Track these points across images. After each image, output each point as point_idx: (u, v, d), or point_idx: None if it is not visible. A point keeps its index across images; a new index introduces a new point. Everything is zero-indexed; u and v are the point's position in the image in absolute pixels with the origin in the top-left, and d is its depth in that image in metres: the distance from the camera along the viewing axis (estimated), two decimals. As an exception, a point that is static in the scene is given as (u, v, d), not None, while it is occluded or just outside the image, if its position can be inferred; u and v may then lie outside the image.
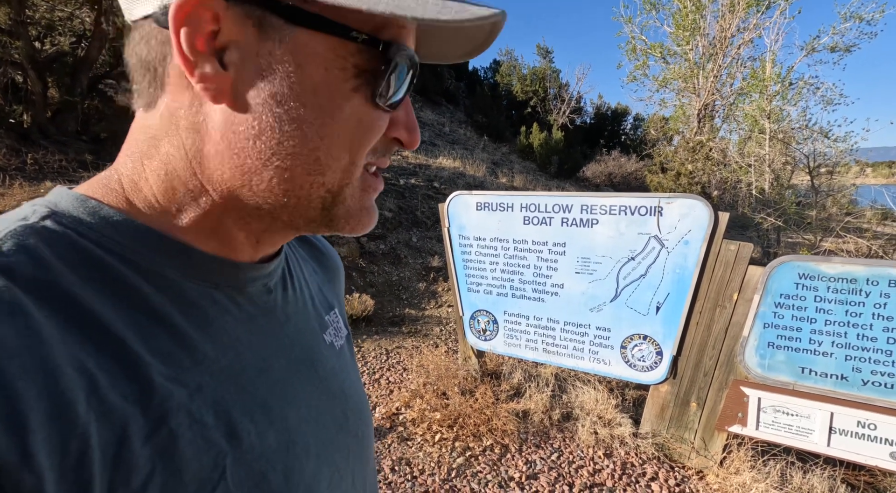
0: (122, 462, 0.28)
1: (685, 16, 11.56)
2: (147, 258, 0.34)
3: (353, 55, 0.34)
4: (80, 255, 0.32)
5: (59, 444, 0.25)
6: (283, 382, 0.42)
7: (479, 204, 2.86)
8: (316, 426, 0.44)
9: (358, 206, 0.40)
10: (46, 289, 0.28)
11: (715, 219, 2.20)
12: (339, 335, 0.55)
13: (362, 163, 0.38)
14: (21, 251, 0.29)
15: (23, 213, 0.32)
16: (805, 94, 10.01)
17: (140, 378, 0.30)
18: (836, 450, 2.11)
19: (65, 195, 0.35)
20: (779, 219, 7.21)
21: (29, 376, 0.25)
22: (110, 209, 0.34)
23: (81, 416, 0.26)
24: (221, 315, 0.38)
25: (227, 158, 0.34)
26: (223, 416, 0.35)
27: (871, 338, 2.00)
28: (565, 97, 17.09)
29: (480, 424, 2.67)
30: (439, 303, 5.12)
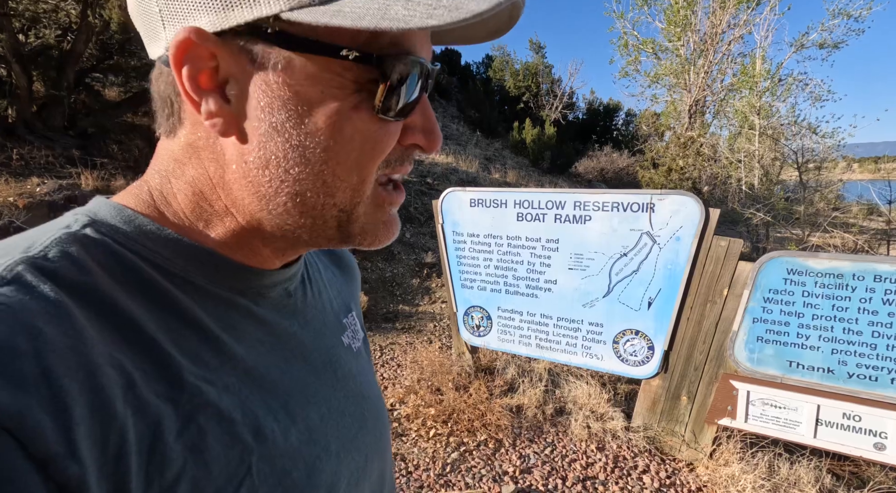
0: (157, 455, 0.29)
1: (676, 11, 11.61)
2: (177, 265, 0.36)
3: (349, 72, 0.33)
4: (117, 261, 0.34)
5: (101, 437, 0.27)
6: (303, 383, 0.43)
7: (472, 200, 2.87)
8: (336, 426, 0.45)
9: (373, 222, 0.40)
10: (88, 293, 0.30)
11: (706, 215, 2.23)
12: (356, 338, 0.56)
13: (373, 178, 0.38)
14: (65, 257, 0.31)
15: (65, 221, 0.35)
16: (794, 90, 10.14)
17: (171, 377, 0.32)
18: (823, 441, 2.16)
19: (103, 205, 0.37)
20: (768, 214, 7.30)
21: (73, 374, 0.26)
22: (144, 219, 0.37)
23: (119, 411, 0.28)
24: (245, 319, 0.40)
25: (244, 187, 0.36)
26: (249, 414, 0.36)
27: (856, 332, 2.04)
28: (558, 92, 17.11)
29: (474, 419, 2.69)
30: (433, 299, 5.13)
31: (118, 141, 6.14)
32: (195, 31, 0.31)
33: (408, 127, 0.38)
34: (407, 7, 0.31)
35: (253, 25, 0.32)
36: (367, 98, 0.34)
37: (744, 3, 10.95)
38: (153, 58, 0.37)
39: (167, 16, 0.33)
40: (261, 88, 0.33)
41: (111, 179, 5.34)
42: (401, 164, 0.39)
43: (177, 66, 0.32)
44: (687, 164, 9.69)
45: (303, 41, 0.32)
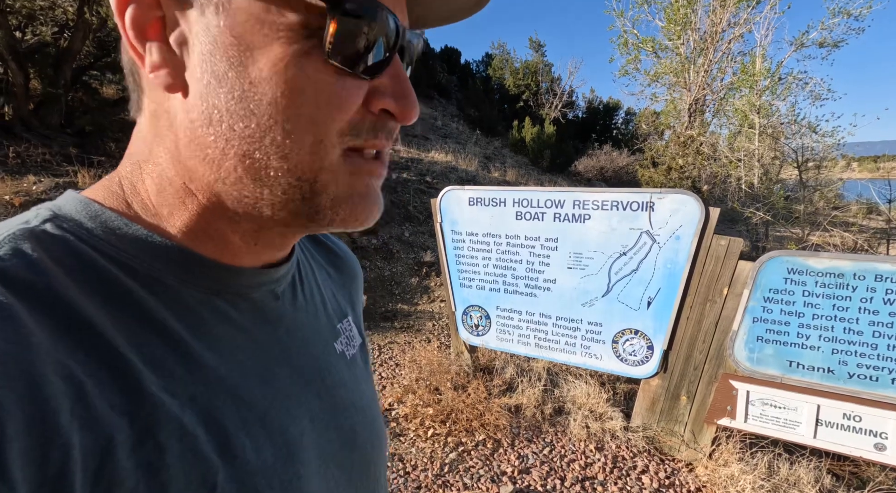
0: (105, 475, 0.26)
1: (677, 10, 11.57)
2: (145, 263, 0.34)
3: (297, 13, 0.30)
4: (77, 259, 0.31)
5: (38, 455, 0.24)
6: (286, 393, 0.40)
7: (471, 199, 2.85)
8: (319, 440, 0.42)
9: (346, 192, 0.35)
10: (39, 293, 0.28)
11: (706, 214, 2.21)
12: (351, 344, 0.53)
13: (336, 142, 0.33)
14: (17, 255, 0.29)
15: (26, 216, 0.32)
16: (794, 89, 10.12)
17: (129, 387, 0.29)
18: (823, 442, 2.15)
19: (70, 199, 0.34)
20: (767, 213, 7.29)
21: (11, 384, 0.24)
22: (111, 213, 0.34)
23: (64, 425, 0.25)
24: (221, 323, 0.37)
25: (193, 151, 0.33)
26: (216, 429, 0.33)
27: (857, 332, 2.03)
28: (557, 91, 17.08)
29: (473, 419, 2.68)
30: (432, 298, 5.11)
31: (116, 139, 6.11)
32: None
33: (377, 91, 0.34)
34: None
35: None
36: (318, 46, 0.30)
37: (744, 2, 10.93)
38: None
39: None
40: (203, 34, 0.30)
41: (109, 178, 5.33)
42: (373, 135, 0.35)
43: (120, 12, 0.30)
44: (687, 163, 9.67)
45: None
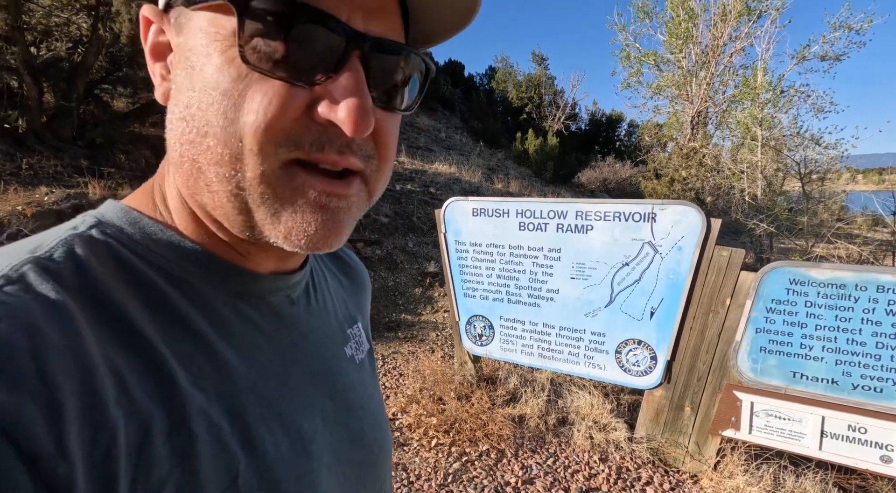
0: (144, 458, 0.29)
1: (678, 24, 11.72)
2: (177, 267, 0.37)
3: (230, 21, 0.31)
4: (119, 262, 0.34)
5: (90, 437, 0.27)
6: (300, 392, 0.43)
7: (475, 210, 2.89)
8: (331, 439, 0.44)
9: (280, 208, 0.33)
10: (89, 293, 0.31)
11: (707, 225, 2.24)
12: (360, 349, 0.55)
13: (271, 151, 0.32)
14: (69, 258, 0.32)
15: (73, 223, 0.36)
16: (796, 101, 10.17)
17: (165, 380, 0.32)
18: (828, 454, 2.14)
19: (111, 207, 0.38)
20: (771, 225, 7.29)
21: (69, 374, 0.27)
22: (149, 220, 0.37)
23: (111, 412, 0.28)
24: (244, 325, 0.40)
25: (171, 158, 0.36)
26: (239, 423, 0.36)
27: (860, 342, 2.03)
28: (560, 104, 17.22)
29: (476, 429, 2.68)
30: (435, 308, 5.13)
31: (126, 151, 6.22)
32: (149, 8, 0.35)
33: (319, 98, 0.32)
34: None
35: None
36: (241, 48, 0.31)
37: (745, 16, 11.06)
38: None
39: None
40: (176, 51, 0.34)
41: (118, 189, 5.40)
42: (319, 147, 0.33)
43: (144, 41, 0.36)
44: (690, 174, 9.71)
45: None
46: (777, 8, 10.84)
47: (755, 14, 11.03)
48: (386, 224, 6.57)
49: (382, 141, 0.37)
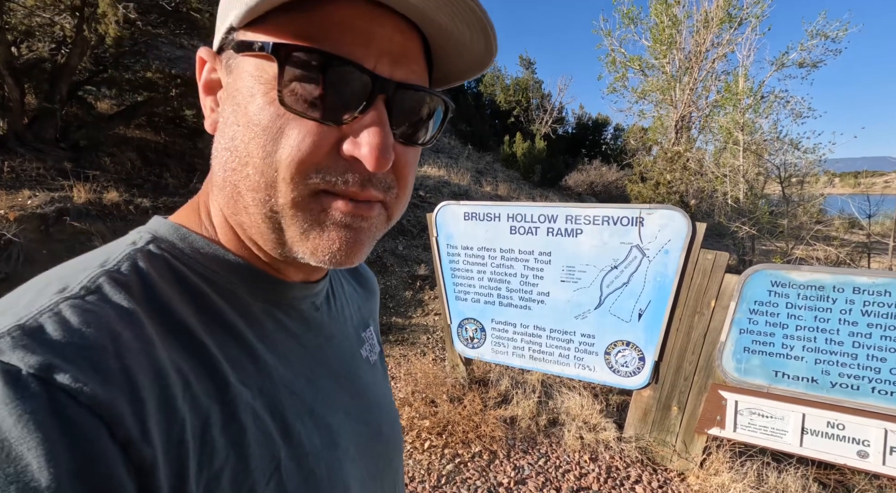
0: (207, 446, 0.34)
1: (662, 30, 11.94)
2: (224, 278, 0.42)
3: (272, 67, 0.35)
4: (174, 274, 0.39)
5: (166, 427, 0.31)
6: (326, 391, 0.47)
7: (466, 214, 2.92)
8: (354, 433, 0.49)
9: (317, 230, 0.38)
10: (153, 302, 0.35)
11: (693, 229, 2.30)
12: (373, 351, 0.61)
13: (300, 181, 0.36)
14: (134, 271, 0.36)
15: (131, 238, 0.41)
16: (776, 107, 10.43)
17: (218, 379, 0.37)
18: (809, 450, 2.21)
19: (162, 224, 0.43)
20: (753, 227, 7.47)
21: (146, 372, 0.31)
22: (196, 236, 0.42)
23: (180, 407, 0.33)
24: (278, 330, 0.45)
25: (216, 183, 0.41)
26: (279, 416, 0.40)
27: (838, 342, 2.12)
28: (547, 107, 17.39)
29: (469, 431, 2.71)
30: (426, 311, 5.15)
31: (110, 154, 6.12)
32: (205, 50, 0.41)
33: (346, 136, 0.36)
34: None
35: (225, 40, 0.39)
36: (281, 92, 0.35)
37: (726, 23, 11.32)
38: None
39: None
40: (227, 89, 0.39)
41: (103, 192, 5.32)
42: (344, 181, 0.36)
43: (199, 78, 0.42)
44: (674, 178, 9.89)
45: (241, 43, 0.37)
46: (757, 16, 11.12)
47: (736, 21, 11.30)
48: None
49: (402, 173, 0.41)
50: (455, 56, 0.42)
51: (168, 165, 6.59)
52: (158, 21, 6.15)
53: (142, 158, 6.45)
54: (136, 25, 5.69)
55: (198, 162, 7.17)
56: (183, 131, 7.50)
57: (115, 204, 5.19)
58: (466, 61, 0.43)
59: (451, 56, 0.42)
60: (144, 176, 6.16)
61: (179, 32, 6.83)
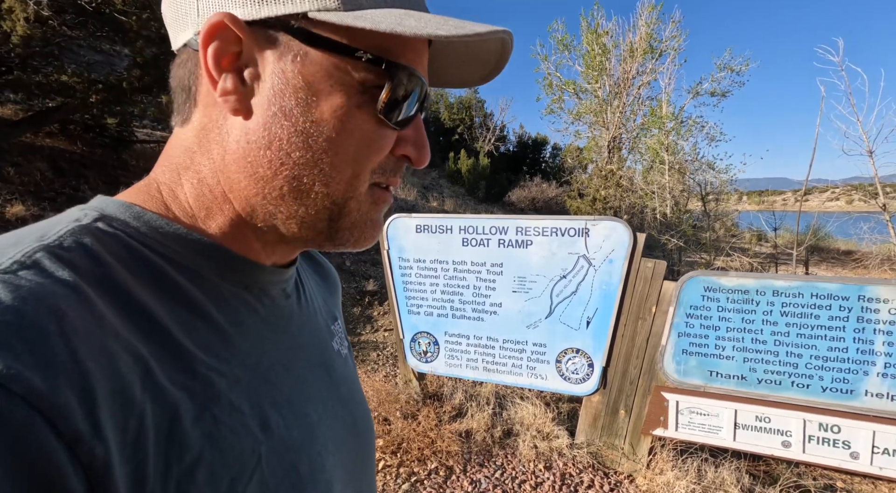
0: (175, 440, 0.30)
1: (593, 57, 12.83)
2: (187, 258, 0.38)
3: (359, 73, 0.36)
4: (130, 253, 0.34)
5: (121, 420, 0.27)
6: (303, 381, 0.44)
7: (418, 226, 2.91)
8: (331, 426, 0.46)
9: (364, 219, 0.41)
10: (104, 282, 0.31)
11: (634, 239, 2.45)
12: (343, 345, 0.58)
13: (367, 178, 0.40)
14: (80, 247, 0.32)
15: (74, 215, 0.35)
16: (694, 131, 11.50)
17: (185, 366, 0.33)
18: (741, 444, 2.38)
19: (109, 202, 0.38)
20: (680, 240, 8.09)
21: (96, 357, 0.27)
22: (153, 215, 0.38)
23: (138, 397, 0.29)
24: (251, 315, 0.41)
25: (242, 167, 0.38)
26: (257, 407, 0.37)
27: (762, 341, 2.32)
28: (490, 126, 17.96)
29: (424, 447, 2.65)
30: (375, 328, 5.03)
31: (15, 163, 5.50)
32: (229, 16, 0.35)
33: (401, 139, 0.41)
34: (420, 21, 0.35)
35: (281, 19, 0.35)
36: (371, 100, 0.37)
37: (649, 54, 12.39)
38: (177, 46, 0.39)
39: (204, 5, 0.36)
40: (277, 75, 0.36)
41: (6, 205, 4.74)
42: (393, 174, 0.42)
43: (205, 44, 0.35)
44: (609, 194, 10.53)
45: (323, 39, 0.35)
46: (675, 48, 12.30)
47: (657, 53, 12.41)
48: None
49: None
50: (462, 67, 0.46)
51: (86, 177, 6.02)
52: (76, 22, 5.67)
53: (54, 168, 5.84)
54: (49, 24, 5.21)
55: (121, 174, 6.60)
56: (104, 141, 6.89)
57: (21, 218, 4.64)
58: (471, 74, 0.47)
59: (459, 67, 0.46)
60: (58, 188, 5.58)
61: (101, 35, 6.33)
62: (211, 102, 0.38)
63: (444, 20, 0.36)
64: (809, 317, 2.22)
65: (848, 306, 2.16)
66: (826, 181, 9.53)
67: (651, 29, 12.19)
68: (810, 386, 2.24)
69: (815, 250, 10.38)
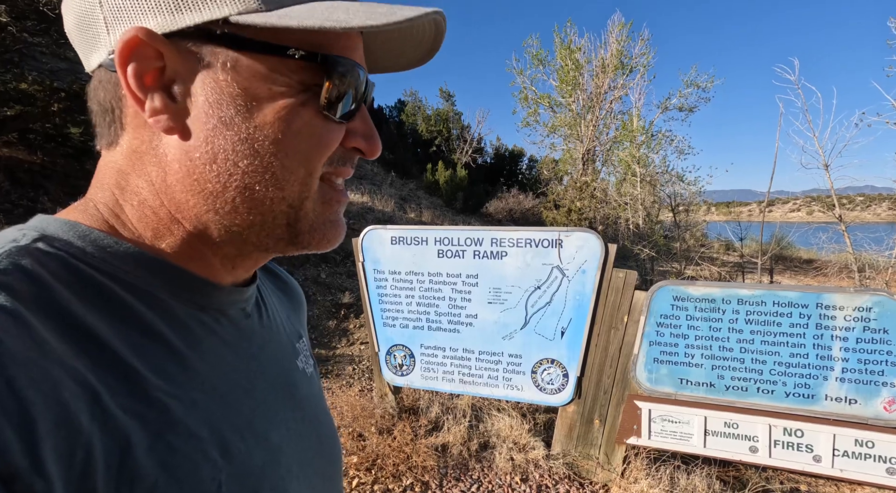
0: (126, 472, 0.28)
1: (567, 72, 13.18)
2: (138, 278, 0.36)
3: (296, 72, 0.35)
4: (74, 274, 0.32)
5: (66, 452, 0.26)
6: (264, 403, 0.43)
7: (393, 238, 2.90)
8: (295, 448, 0.45)
9: (321, 219, 0.41)
10: (45, 306, 0.29)
11: (606, 250, 2.49)
12: (308, 363, 0.56)
13: (318, 174, 0.39)
14: (18, 270, 0.30)
15: (11, 235, 0.33)
16: (664, 144, 11.90)
17: (138, 392, 0.31)
18: (711, 450, 2.43)
19: (50, 221, 0.36)
20: (652, 250, 8.29)
21: (37, 387, 0.25)
22: (99, 233, 0.36)
23: (85, 426, 0.27)
24: (208, 336, 0.40)
25: (188, 186, 0.36)
26: (216, 432, 0.36)
27: (728, 349, 2.38)
28: (467, 138, 18.15)
29: (400, 463, 2.60)
30: (351, 341, 4.95)
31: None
32: (143, 30, 0.33)
33: (350, 131, 0.40)
34: (348, 12, 0.34)
35: (201, 28, 0.33)
36: (313, 97, 0.36)
37: (620, 70, 12.81)
38: (92, 67, 0.37)
39: (112, 20, 0.34)
40: (209, 86, 0.34)
41: (-42, 216, 4.51)
42: (343, 164, 0.41)
43: (122, 64, 0.33)
44: (584, 205, 10.75)
45: (251, 42, 0.34)
46: (644, 65, 12.77)
47: (628, 69, 12.85)
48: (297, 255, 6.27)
49: None
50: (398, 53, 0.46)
51: (46, 188, 5.78)
52: (37, 29, 5.49)
53: (10, 178, 5.59)
54: (8, 30, 5.03)
55: (84, 185, 6.35)
56: (66, 151, 6.63)
57: (-25, 231, 4.41)
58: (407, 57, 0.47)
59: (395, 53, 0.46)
60: (14, 200, 5.34)
61: (65, 42, 6.14)
62: (140, 124, 0.36)
63: (371, 7, 0.35)
64: (772, 324, 2.30)
65: (807, 313, 2.24)
66: (787, 193, 9.98)
67: (622, 46, 12.64)
68: (774, 392, 2.31)
69: (779, 259, 10.81)
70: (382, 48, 0.45)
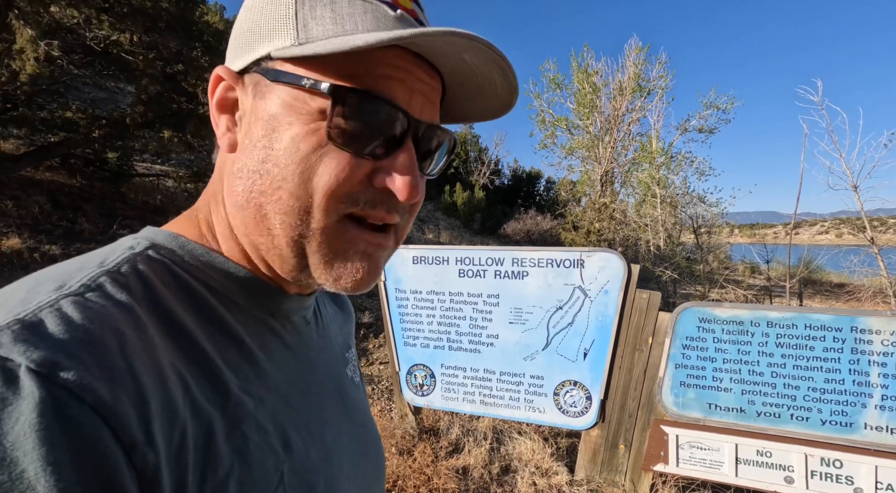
0: (211, 455, 0.33)
1: (584, 95, 13.29)
2: (222, 285, 0.41)
3: (314, 101, 0.37)
4: (175, 279, 0.38)
5: (168, 431, 0.30)
6: (319, 406, 0.47)
7: (415, 258, 2.94)
8: (346, 450, 0.48)
9: (341, 256, 0.39)
10: (153, 305, 0.35)
11: (628, 270, 2.48)
12: (356, 372, 0.60)
13: (334, 208, 0.38)
14: (135, 273, 0.36)
15: (128, 243, 0.39)
16: (684, 166, 11.78)
17: (220, 386, 0.36)
18: (743, 479, 2.33)
19: (158, 232, 0.42)
20: (674, 272, 8.14)
21: (149, 373, 0.30)
22: (195, 244, 0.42)
23: (181, 411, 0.32)
24: (275, 340, 0.45)
25: (227, 196, 0.42)
26: (279, 428, 0.40)
27: (758, 373, 2.31)
28: (485, 160, 18.34)
29: (420, 485, 2.56)
30: (370, 361, 4.95)
31: (14, 196, 5.53)
32: (223, 68, 0.41)
33: (381, 170, 0.38)
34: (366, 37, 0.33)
35: (256, 63, 0.39)
36: (326, 127, 0.37)
37: (637, 92, 12.87)
38: None
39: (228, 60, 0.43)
40: (251, 111, 0.40)
41: (2, 238, 4.74)
42: (371, 206, 0.39)
43: (211, 95, 0.42)
44: (603, 226, 10.66)
45: (281, 74, 0.38)
46: (662, 87, 12.79)
47: (646, 91, 12.90)
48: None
49: (416, 201, 0.42)
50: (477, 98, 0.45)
51: (84, 210, 6.05)
52: (83, 61, 5.86)
53: (52, 202, 5.87)
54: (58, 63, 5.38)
55: (119, 207, 6.64)
56: (104, 175, 6.97)
57: (17, 251, 4.62)
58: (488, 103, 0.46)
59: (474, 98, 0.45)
60: (55, 221, 5.60)
61: (107, 74, 6.52)
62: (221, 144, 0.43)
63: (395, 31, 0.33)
64: (805, 348, 2.23)
65: (841, 337, 2.17)
66: (814, 215, 9.73)
67: (639, 69, 12.71)
68: (809, 419, 2.22)
69: (808, 283, 10.47)
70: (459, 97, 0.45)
